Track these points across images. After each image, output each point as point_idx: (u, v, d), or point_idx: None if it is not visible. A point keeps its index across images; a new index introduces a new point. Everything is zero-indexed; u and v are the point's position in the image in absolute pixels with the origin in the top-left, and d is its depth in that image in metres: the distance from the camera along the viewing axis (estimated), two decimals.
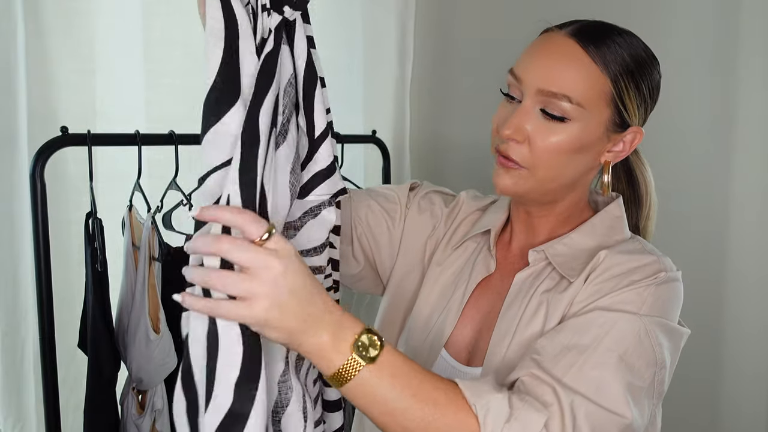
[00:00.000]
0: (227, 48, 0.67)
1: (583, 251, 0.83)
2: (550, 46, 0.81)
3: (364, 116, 1.77)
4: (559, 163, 0.80)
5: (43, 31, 1.28)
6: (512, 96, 0.82)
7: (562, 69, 0.78)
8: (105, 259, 1.11)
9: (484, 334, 0.86)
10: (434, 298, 0.92)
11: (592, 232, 0.85)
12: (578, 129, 0.78)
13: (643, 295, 0.76)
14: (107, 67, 1.39)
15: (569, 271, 0.82)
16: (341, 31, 1.74)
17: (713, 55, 1.48)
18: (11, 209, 1.25)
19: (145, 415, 1.14)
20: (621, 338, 0.74)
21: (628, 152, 0.85)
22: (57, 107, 1.31)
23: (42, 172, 1.06)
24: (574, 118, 0.78)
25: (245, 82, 0.68)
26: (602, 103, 0.79)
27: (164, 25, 1.46)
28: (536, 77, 0.78)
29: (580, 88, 0.77)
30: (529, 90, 0.79)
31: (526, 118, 0.79)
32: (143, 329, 1.12)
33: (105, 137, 1.14)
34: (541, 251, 0.85)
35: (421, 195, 1.00)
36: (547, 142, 0.78)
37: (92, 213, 1.11)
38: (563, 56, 0.79)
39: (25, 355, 1.30)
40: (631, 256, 0.80)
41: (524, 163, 0.80)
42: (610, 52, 0.79)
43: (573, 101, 0.77)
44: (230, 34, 0.68)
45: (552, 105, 0.78)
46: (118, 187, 1.26)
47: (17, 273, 1.27)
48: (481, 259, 0.91)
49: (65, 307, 1.22)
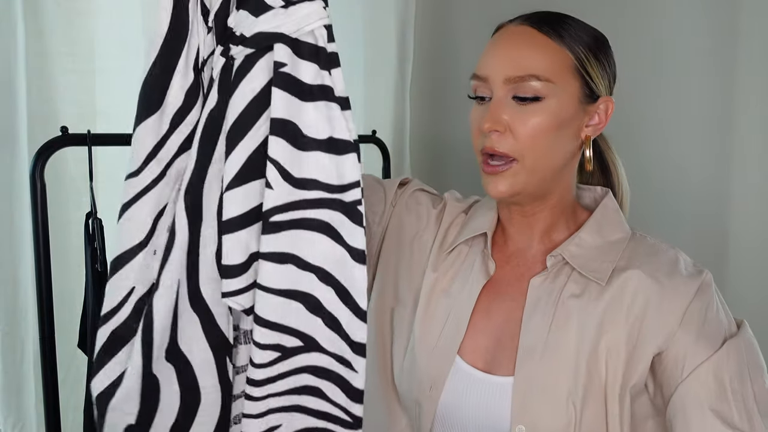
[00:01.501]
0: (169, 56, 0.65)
1: (595, 249, 0.84)
2: (506, 38, 0.84)
3: (364, 116, 1.77)
4: (545, 144, 0.80)
5: (43, 31, 1.28)
6: (482, 97, 0.83)
7: (523, 52, 0.80)
8: (105, 259, 1.11)
9: (505, 343, 0.85)
10: (437, 305, 0.91)
11: (598, 230, 0.86)
12: (554, 105, 0.80)
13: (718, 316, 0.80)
14: (107, 67, 1.39)
15: (593, 273, 0.82)
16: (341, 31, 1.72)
17: (713, 55, 1.48)
18: (11, 209, 1.25)
19: None
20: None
21: (605, 123, 0.86)
22: (57, 107, 1.31)
23: (42, 172, 1.06)
24: (546, 95, 0.79)
25: (172, 95, 0.67)
26: (568, 75, 0.81)
27: None
28: (501, 68, 0.80)
29: (544, 64, 0.79)
30: (496, 83, 0.80)
31: (501, 108, 0.80)
32: None
33: (105, 137, 1.14)
34: (558, 254, 0.84)
35: (408, 193, 0.99)
36: (528, 125, 0.79)
37: (92, 213, 1.11)
38: (521, 41, 0.81)
39: (25, 355, 1.30)
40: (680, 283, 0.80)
41: (512, 153, 0.80)
42: (564, 30, 0.82)
43: (541, 78, 0.79)
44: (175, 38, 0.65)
45: (522, 88, 0.79)
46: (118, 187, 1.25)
47: (17, 273, 1.27)
48: (479, 263, 0.90)
49: (65, 307, 1.22)
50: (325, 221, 0.67)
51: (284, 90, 0.64)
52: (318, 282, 0.67)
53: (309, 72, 0.65)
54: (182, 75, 0.66)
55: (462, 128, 1.84)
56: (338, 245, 0.67)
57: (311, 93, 0.65)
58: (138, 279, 0.68)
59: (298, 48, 0.64)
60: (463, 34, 1.81)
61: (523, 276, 0.87)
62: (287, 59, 0.64)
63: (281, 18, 0.62)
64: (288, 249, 0.66)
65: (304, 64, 0.64)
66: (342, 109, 0.66)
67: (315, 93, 0.65)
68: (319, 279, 0.67)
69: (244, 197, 0.66)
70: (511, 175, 0.81)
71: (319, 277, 0.67)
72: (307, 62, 0.64)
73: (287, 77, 0.64)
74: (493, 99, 0.81)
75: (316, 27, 0.64)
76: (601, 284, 0.81)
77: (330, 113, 0.66)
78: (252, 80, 0.65)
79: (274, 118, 0.64)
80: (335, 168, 0.66)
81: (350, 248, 0.67)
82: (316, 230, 0.67)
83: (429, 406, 0.87)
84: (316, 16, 0.64)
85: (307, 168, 0.65)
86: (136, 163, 0.69)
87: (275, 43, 0.63)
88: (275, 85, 0.64)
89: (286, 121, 0.64)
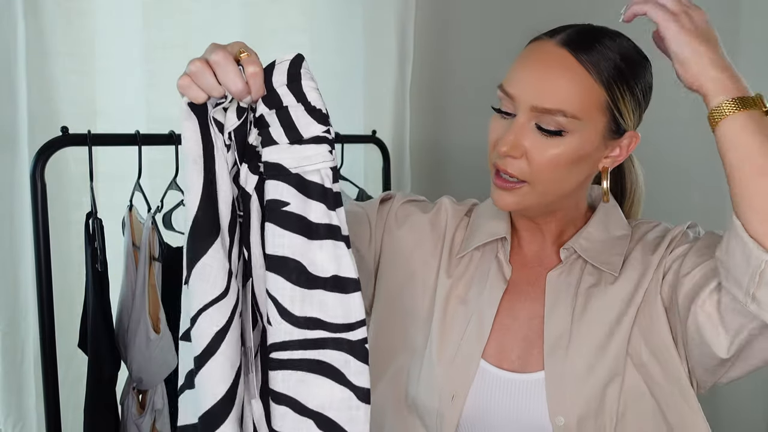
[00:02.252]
0: (207, 179, 0.64)
1: (602, 243, 0.87)
2: (541, 59, 0.80)
3: (364, 116, 1.77)
4: (559, 175, 0.80)
5: (43, 31, 1.28)
6: (505, 111, 0.81)
7: (555, 82, 0.77)
8: (105, 259, 1.11)
9: (532, 340, 0.85)
10: (454, 314, 0.89)
11: (604, 226, 0.88)
12: (576, 140, 0.78)
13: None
14: (107, 67, 1.39)
15: (605, 265, 0.85)
16: (341, 31, 1.74)
17: None
18: (11, 209, 1.25)
19: (146, 415, 1.14)
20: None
21: (625, 156, 0.84)
22: (57, 107, 1.31)
23: (42, 172, 1.06)
24: (570, 130, 0.77)
25: (223, 214, 0.66)
26: (597, 112, 0.78)
27: (164, 25, 1.46)
28: (529, 94, 0.77)
29: (575, 100, 0.76)
30: (522, 106, 0.78)
31: (522, 134, 0.78)
32: (143, 329, 1.12)
33: (105, 137, 1.14)
34: (570, 247, 0.87)
35: (396, 208, 0.97)
36: (545, 156, 0.78)
37: (92, 213, 1.11)
38: (555, 68, 0.78)
39: (25, 354, 1.30)
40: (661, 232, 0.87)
41: (523, 177, 0.79)
42: (603, 59, 0.78)
43: (568, 114, 0.76)
44: (208, 160, 0.64)
45: (547, 120, 0.77)
46: (118, 187, 1.26)
47: (17, 273, 1.27)
48: (495, 268, 0.90)
49: (65, 307, 1.22)
50: (327, 362, 0.65)
51: (289, 230, 0.64)
52: (316, 430, 0.66)
53: (317, 212, 0.65)
54: (225, 193, 0.66)
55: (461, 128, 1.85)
56: (342, 387, 0.66)
57: (318, 232, 0.65)
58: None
59: (305, 188, 0.65)
60: (463, 34, 1.82)
61: (540, 275, 0.88)
62: (292, 198, 0.64)
63: (284, 153, 0.64)
64: (284, 390, 0.66)
65: (313, 203, 0.65)
66: (347, 248, 0.66)
67: (321, 232, 0.65)
68: (317, 426, 0.66)
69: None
70: (521, 195, 0.81)
71: (318, 424, 0.66)
72: (315, 202, 0.64)
73: (293, 216, 0.64)
74: (516, 122, 0.79)
75: (322, 168, 0.64)
76: (614, 275, 0.84)
77: (337, 252, 0.65)
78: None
79: (271, 255, 0.64)
80: (340, 306, 0.65)
81: (356, 388, 0.66)
82: (316, 372, 0.65)
83: (451, 416, 0.85)
84: (321, 158, 0.64)
85: (309, 306, 0.65)
86: (219, 287, 0.65)
87: (277, 181, 0.64)
88: (272, 222, 0.64)
89: (288, 258, 0.64)
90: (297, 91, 0.63)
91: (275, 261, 0.64)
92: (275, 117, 0.64)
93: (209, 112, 0.64)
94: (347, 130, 1.62)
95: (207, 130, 0.64)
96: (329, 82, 1.74)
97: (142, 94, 1.44)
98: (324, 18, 1.71)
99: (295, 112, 0.63)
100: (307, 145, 0.64)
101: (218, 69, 0.63)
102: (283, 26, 1.63)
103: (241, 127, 0.66)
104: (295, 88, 0.63)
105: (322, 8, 1.71)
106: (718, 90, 0.70)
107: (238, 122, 0.65)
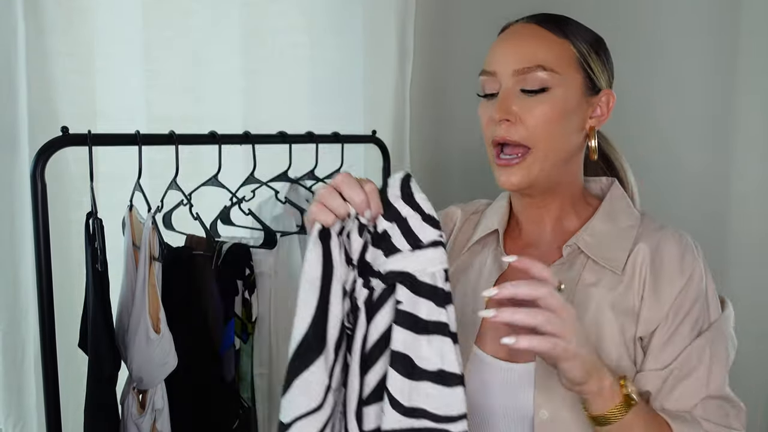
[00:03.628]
0: (321, 301, 0.71)
1: (608, 236, 0.89)
2: (513, 34, 0.89)
3: (364, 116, 1.77)
4: (554, 132, 0.85)
5: (43, 31, 1.28)
6: (490, 93, 0.88)
7: (530, 45, 0.86)
8: (105, 259, 1.11)
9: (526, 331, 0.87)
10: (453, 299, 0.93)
11: (609, 218, 0.91)
12: (560, 95, 0.85)
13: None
14: (107, 67, 1.39)
15: (608, 262, 0.87)
16: (341, 31, 1.74)
17: (713, 55, 1.48)
18: (11, 209, 1.26)
19: (146, 415, 1.14)
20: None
21: (607, 115, 0.91)
22: (57, 107, 1.31)
23: (42, 172, 1.06)
24: (552, 85, 0.84)
25: (331, 334, 0.72)
26: (572, 67, 0.86)
27: (164, 25, 1.46)
28: (509, 61, 0.85)
29: (550, 55, 0.85)
30: (504, 76, 0.86)
31: (511, 99, 0.85)
32: (143, 329, 1.12)
33: (105, 137, 1.14)
34: (574, 244, 0.89)
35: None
36: (536, 114, 0.84)
37: (93, 213, 1.11)
38: (527, 36, 0.87)
39: (25, 354, 1.30)
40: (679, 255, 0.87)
41: (524, 141, 0.85)
42: (566, 27, 0.88)
43: (547, 68, 0.84)
44: (325, 283, 0.71)
45: (530, 79, 0.84)
46: (118, 187, 1.26)
47: (17, 273, 1.28)
48: (491, 259, 0.94)
49: (65, 307, 1.22)
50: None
51: (401, 326, 0.71)
52: None
53: (426, 308, 0.71)
54: (336, 314, 0.72)
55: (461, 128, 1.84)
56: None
57: (426, 328, 0.70)
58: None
59: (417, 287, 0.71)
60: (463, 33, 1.81)
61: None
62: (405, 298, 0.71)
63: (409, 259, 0.71)
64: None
65: (422, 301, 0.71)
66: (453, 343, 0.71)
67: (430, 328, 0.70)
68: None
69: (375, 415, 0.72)
70: (526, 167, 0.85)
71: None
72: (425, 300, 0.70)
73: (405, 314, 0.71)
74: (501, 91, 0.86)
75: (438, 270, 0.71)
76: (617, 272, 0.86)
77: (443, 347, 0.70)
78: (384, 314, 0.72)
79: (393, 351, 0.71)
80: (444, 399, 0.70)
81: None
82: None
83: None
84: (438, 261, 0.71)
85: (416, 397, 0.70)
86: (316, 400, 0.71)
87: (397, 283, 0.71)
88: (395, 322, 0.71)
89: (400, 353, 0.70)
90: (412, 203, 0.72)
91: (393, 356, 0.71)
92: (396, 228, 0.72)
93: (333, 238, 0.72)
94: (347, 130, 1.62)
95: (330, 256, 0.72)
96: (329, 82, 1.75)
97: (142, 94, 1.44)
98: (324, 18, 1.71)
99: (413, 221, 0.72)
100: (427, 250, 0.71)
101: (343, 187, 0.72)
102: (283, 26, 1.63)
103: (363, 248, 0.74)
104: (410, 201, 0.72)
105: (322, 8, 1.71)
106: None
107: (362, 242, 0.73)
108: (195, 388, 1.21)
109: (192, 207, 1.25)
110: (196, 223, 1.26)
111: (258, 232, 1.38)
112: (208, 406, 1.22)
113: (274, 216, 1.48)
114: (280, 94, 1.63)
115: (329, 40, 1.71)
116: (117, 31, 1.41)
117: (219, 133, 1.29)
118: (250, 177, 1.39)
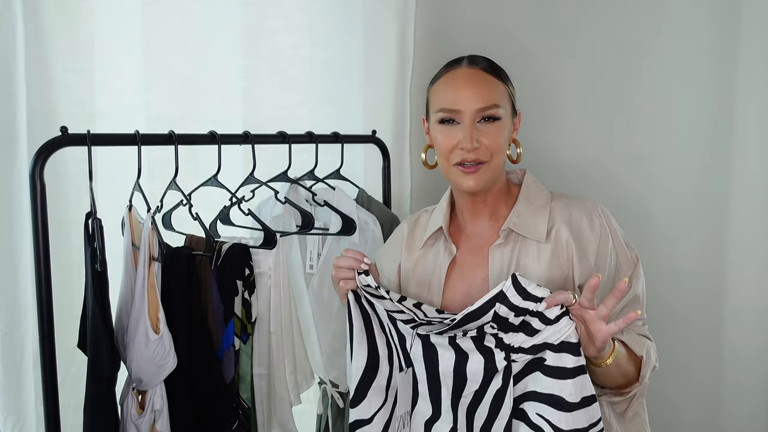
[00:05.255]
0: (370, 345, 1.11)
1: (529, 215, 1.15)
2: (466, 78, 1.14)
3: (364, 116, 1.77)
4: (502, 148, 1.13)
5: (43, 31, 1.29)
6: (452, 120, 1.12)
7: (487, 89, 1.12)
8: (105, 259, 1.11)
9: (476, 297, 1.05)
10: (415, 286, 1.22)
11: (528, 201, 1.17)
12: (506, 122, 1.14)
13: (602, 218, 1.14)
14: (107, 67, 1.39)
15: (532, 234, 1.13)
16: (342, 31, 1.74)
17: (713, 55, 1.48)
18: (11, 209, 1.26)
19: (145, 415, 1.14)
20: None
21: (518, 129, 1.21)
22: (57, 107, 1.32)
23: (42, 172, 1.06)
24: (501, 116, 1.12)
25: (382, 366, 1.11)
26: (506, 100, 1.15)
27: (164, 25, 1.46)
28: (472, 102, 1.11)
29: (497, 95, 1.12)
30: (467, 113, 1.11)
31: (473, 130, 1.11)
32: (143, 329, 1.12)
33: (105, 137, 1.14)
34: (506, 227, 1.14)
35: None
36: (494, 139, 1.12)
37: (92, 213, 1.11)
38: (480, 81, 1.13)
39: (25, 355, 1.30)
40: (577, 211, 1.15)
41: (486, 158, 1.12)
42: (502, 72, 1.16)
43: (499, 105, 1.12)
44: (369, 332, 1.11)
45: (489, 113, 1.11)
46: (118, 187, 1.26)
47: (17, 273, 1.28)
48: (442, 249, 1.21)
49: (65, 307, 1.22)
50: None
51: (551, 376, 0.98)
52: None
53: (570, 360, 0.96)
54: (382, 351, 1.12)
55: None
56: None
57: (573, 373, 0.96)
58: None
59: (558, 347, 0.97)
60: (463, 34, 1.81)
61: (482, 248, 1.17)
62: (548, 356, 0.98)
63: (548, 333, 0.97)
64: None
65: (566, 356, 0.96)
66: (585, 374, 0.96)
67: (576, 372, 0.96)
68: None
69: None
70: (482, 174, 1.12)
71: None
72: (567, 354, 0.96)
73: (553, 368, 0.97)
74: (465, 125, 1.11)
75: (571, 333, 0.96)
76: (541, 242, 1.12)
77: (583, 382, 0.96)
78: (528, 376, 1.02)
79: (544, 393, 0.99)
80: (586, 415, 0.97)
81: None
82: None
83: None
84: (567, 328, 0.96)
85: (572, 423, 0.97)
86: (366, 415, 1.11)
87: (546, 349, 0.98)
88: (545, 374, 0.99)
89: (555, 395, 0.97)
90: (530, 297, 0.97)
91: (546, 397, 0.98)
92: (536, 318, 0.98)
93: (361, 298, 1.11)
94: (347, 130, 1.62)
95: (366, 311, 1.11)
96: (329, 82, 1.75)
97: (141, 94, 1.44)
98: (324, 18, 1.71)
99: (538, 308, 0.97)
100: (557, 324, 0.96)
101: (341, 261, 1.10)
102: (283, 26, 1.63)
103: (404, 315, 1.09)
104: (527, 295, 0.97)
105: (322, 8, 1.71)
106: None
107: (396, 304, 1.08)
108: (194, 389, 1.21)
109: (191, 207, 1.25)
110: (196, 223, 1.25)
111: (258, 232, 1.38)
112: (207, 407, 1.22)
113: (273, 216, 1.48)
114: (280, 94, 1.63)
115: (329, 40, 1.71)
116: (116, 31, 1.41)
117: (219, 133, 1.29)
118: (250, 177, 1.39)
